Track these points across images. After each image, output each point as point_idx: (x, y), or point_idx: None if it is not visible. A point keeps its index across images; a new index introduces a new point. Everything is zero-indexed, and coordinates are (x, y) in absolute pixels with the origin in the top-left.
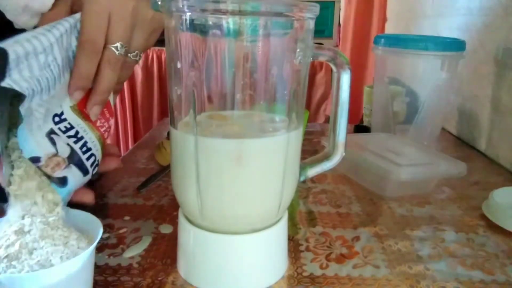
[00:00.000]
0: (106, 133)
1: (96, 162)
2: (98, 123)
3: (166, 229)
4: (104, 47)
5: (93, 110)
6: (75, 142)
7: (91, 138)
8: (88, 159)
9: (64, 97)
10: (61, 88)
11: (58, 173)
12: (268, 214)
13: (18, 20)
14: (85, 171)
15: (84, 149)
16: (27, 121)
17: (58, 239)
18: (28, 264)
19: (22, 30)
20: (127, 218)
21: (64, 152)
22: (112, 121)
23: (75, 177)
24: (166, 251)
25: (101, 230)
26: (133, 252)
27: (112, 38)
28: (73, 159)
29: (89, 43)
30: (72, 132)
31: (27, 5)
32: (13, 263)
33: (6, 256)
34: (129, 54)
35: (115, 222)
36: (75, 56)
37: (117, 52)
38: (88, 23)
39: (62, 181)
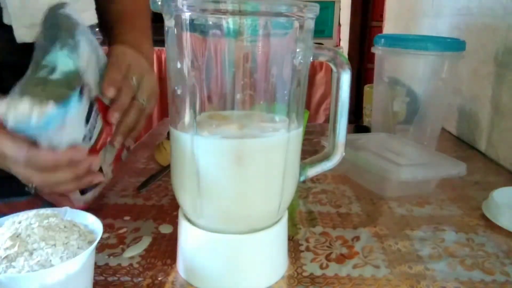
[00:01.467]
0: (108, 137)
1: (92, 140)
2: (106, 132)
3: (166, 229)
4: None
5: (118, 139)
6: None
7: (100, 123)
8: (93, 128)
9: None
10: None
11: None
12: (268, 214)
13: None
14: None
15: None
16: None
17: (58, 239)
18: (28, 264)
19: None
20: (127, 218)
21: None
22: (108, 139)
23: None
24: (166, 251)
25: (101, 230)
26: (133, 252)
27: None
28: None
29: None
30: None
31: None
32: (13, 263)
33: (6, 257)
34: (138, 98)
35: (115, 222)
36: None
37: (132, 83)
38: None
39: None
